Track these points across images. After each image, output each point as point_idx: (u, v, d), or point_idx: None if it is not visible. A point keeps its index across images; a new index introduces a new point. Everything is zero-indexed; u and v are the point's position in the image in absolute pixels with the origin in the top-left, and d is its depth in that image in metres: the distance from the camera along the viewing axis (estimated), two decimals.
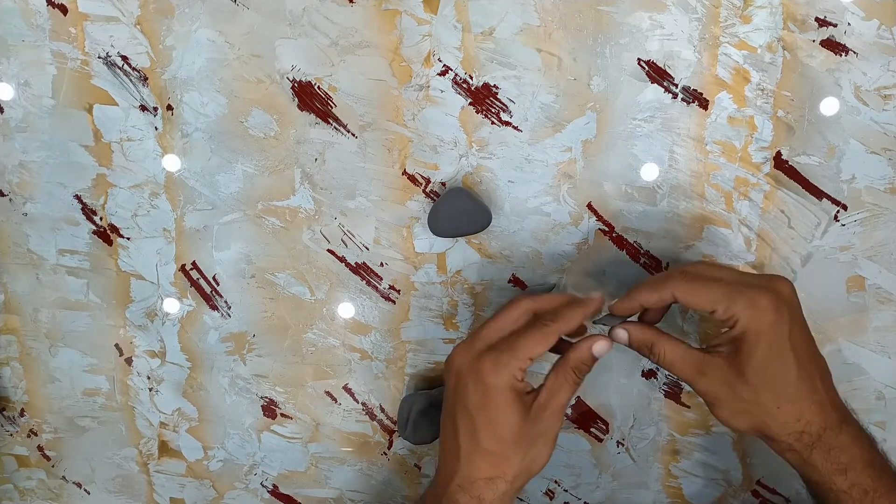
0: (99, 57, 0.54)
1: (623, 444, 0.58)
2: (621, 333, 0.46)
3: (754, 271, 0.54)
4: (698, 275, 0.44)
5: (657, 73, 0.51)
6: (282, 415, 0.59)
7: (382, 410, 0.59)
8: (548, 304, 0.46)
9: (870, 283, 0.53)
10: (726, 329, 0.43)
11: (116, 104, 0.54)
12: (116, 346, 0.59)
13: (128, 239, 0.57)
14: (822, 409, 0.42)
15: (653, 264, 0.54)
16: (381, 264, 0.56)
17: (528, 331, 0.45)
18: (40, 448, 0.62)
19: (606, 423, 0.58)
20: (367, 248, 0.56)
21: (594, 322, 0.48)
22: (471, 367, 0.45)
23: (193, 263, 0.57)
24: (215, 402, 0.60)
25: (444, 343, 0.57)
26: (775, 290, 0.42)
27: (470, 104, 0.53)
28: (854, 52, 0.50)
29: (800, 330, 0.43)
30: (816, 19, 0.50)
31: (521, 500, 0.60)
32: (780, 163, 0.52)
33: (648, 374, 0.56)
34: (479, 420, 0.45)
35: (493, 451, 0.45)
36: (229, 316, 0.58)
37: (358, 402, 0.59)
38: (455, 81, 0.52)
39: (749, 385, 0.42)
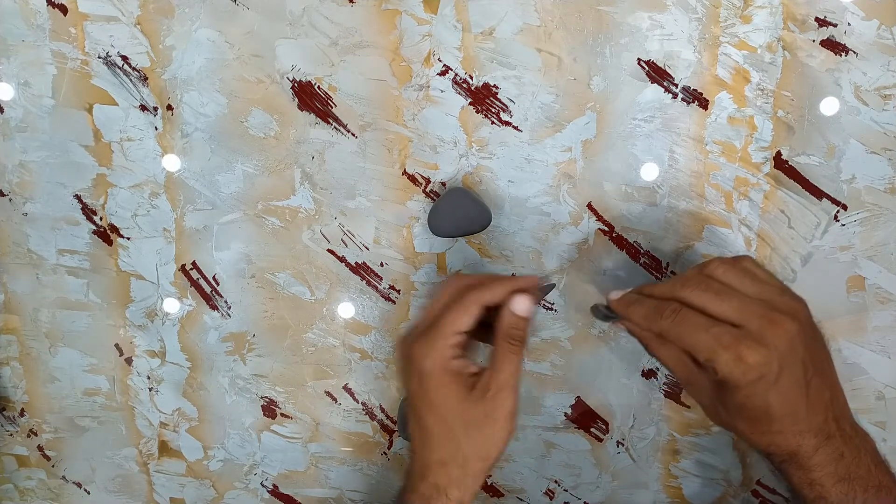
0: (99, 57, 0.54)
1: (623, 444, 0.58)
2: (623, 324, 0.48)
3: None
4: (687, 319, 0.42)
5: (657, 73, 0.51)
6: (282, 415, 0.59)
7: (382, 410, 0.59)
8: (476, 279, 0.46)
9: (870, 283, 0.53)
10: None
11: (116, 104, 0.54)
12: (116, 346, 0.59)
13: (128, 239, 0.57)
14: (797, 437, 0.42)
15: (653, 264, 0.54)
16: (381, 264, 0.56)
17: (450, 305, 0.44)
18: (40, 448, 0.62)
19: (606, 423, 0.58)
20: (367, 248, 0.56)
21: (596, 316, 0.48)
22: (406, 355, 0.45)
23: (193, 263, 0.57)
24: (215, 402, 0.60)
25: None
26: (768, 343, 0.40)
27: (470, 104, 0.53)
28: (854, 52, 0.50)
29: (792, 377, 0.41)
30: (816, 19, 0.50)
31: (521, 500, 0.60)
32: (780, 163, 0.52)
33: (648, 374, 0.56)
34: (422, 405, 0.45)
35: (438, 434, 0.45)
36: (229, 316, 0.58)
37: (358, 402, 0.59)
38: (455, 81, 0.52)
39: (727, 412, 0.43)
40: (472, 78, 0.52)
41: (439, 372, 0.44)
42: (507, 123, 0.53)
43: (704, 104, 0.52)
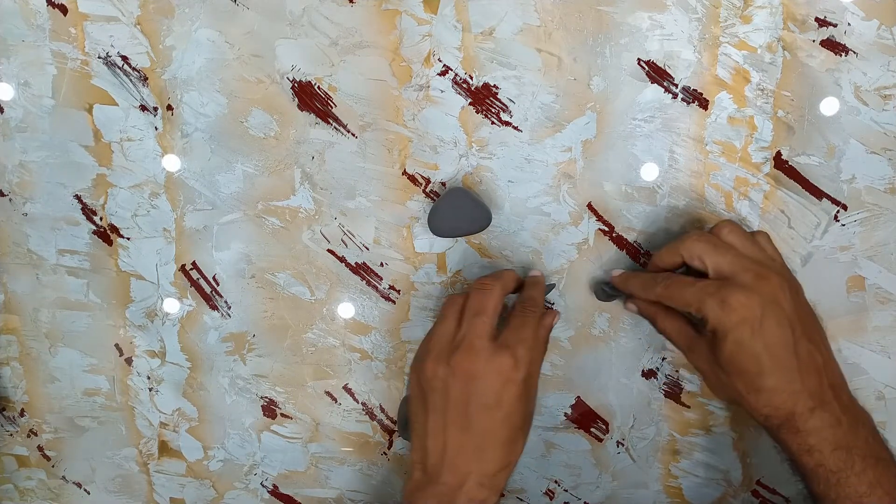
0: (99, 57, 0.54)
1: (623, 444, 0.58)
2: (632, 306, 0.53)
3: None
4: (680, 280, 0.47)
5: (657, 73, 0.51)
6: (282, 415, 0.59)
7: (382, 410, 0.59)
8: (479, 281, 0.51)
9: (870, 283, 0.53)
10: (702, 324, 0.46)
11: (116, 104, 0.54)
12: (116, 346, 0.59)
13: (128, 239, 0.57)
14: (793, 397, 0.44)
15: None
16: (381, 264, 0.56)
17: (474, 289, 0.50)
18: (40, 448, 0.62)
19: (606, 423, 0.58)
20: (367, 248, 0.56)
21: (599, 297, 0.54)
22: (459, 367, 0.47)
23: (193, 263, 0.57)
24: (215, 402, 0.60)
25: None
26: (753, 288, 0.44)
27: (470, 104, 0.53)
28: (854, 52, 0.50)
29: (777, 325, 0.44)
30: (816, 19, 0.50)
31: (521, 500, 0.60)
32: (780, 163, 0.52)
33: (648, 374, 0.56)
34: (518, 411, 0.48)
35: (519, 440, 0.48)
36: (229, 316, 0.58)
37: (358, 402, 0.59)
38: (455, 81, 0.52)
39: (723, 371, 0.46)
40: (472, 78, 0.52)
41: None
42: (507, 123, 0.53)
43: (704, 104, 0.52)
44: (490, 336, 0.47)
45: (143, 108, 0.54)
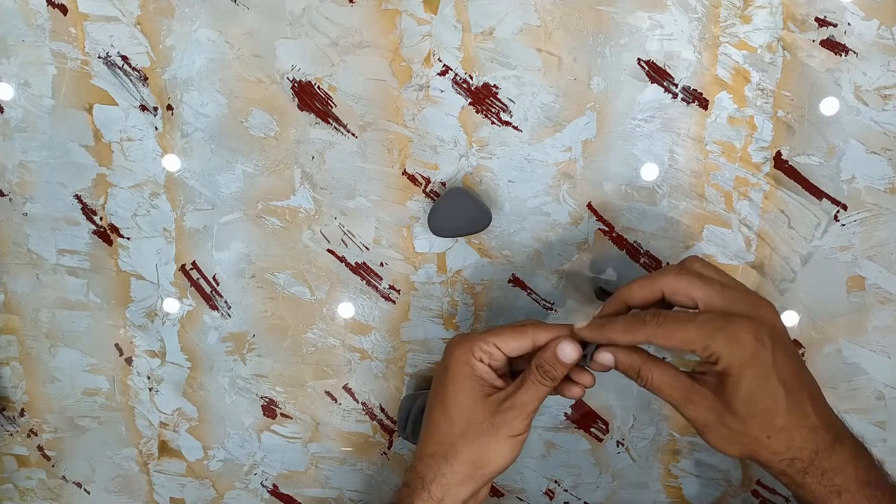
0: (99, 57, 0.54)
1: (623, 444, 0.58)
2: (606, 357, 0.44)
3: (754, 272, 0.54)
4: (671, 316, 0.41)
5: (657, 73, 0.51)
6: (282, 415, 0.59)
7: (382, 410, 0.59)
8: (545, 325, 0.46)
9: (870, 283, 0.53)
10: (710, 364, 0.41)
11: (116, 104, 0.54)
12: (116, 346, 0.59)
13: (128, 239, 0.57)
14: (813, 433, 0.40)
15: (653, 264, 0.54)
16: (381, 264, 0.56)
17: (506, 325, 0.46)
18: (40, 448, 0.62)
19: (606, 423, 0.58)
20: (367, 248, 0.56)
21: (597, 296, 0.50)
22: (447, 346, 0.47)
23: (193, 263, 0.57)
24: (215, 402, 0.60)
25: (443, 343, 0.57)
26: (756, 318, 0.40)
27: (470, 104, 0.53)
28: (854, 52, 0.50)
29: (785, 355, 0.40)
30: (816, 19, 0.50)
31: (521, 500, 0.60)
32: (780, 163, 0.52)
33: None
34: (434, 395, 0.46)
35: (439, 426, 0.45)
36: (229, 316, 0.58)
37: (358, 402, 0.59)
38: (455, 81, 0.52)
39: (737, 416, 0.40)
40: (472, 78, 0.52)
41: (461, 366, 0.44)
42: (507, 123, 0.53)
43: (704, 104, 0.51)
44: (472, 362, 0.45)
45: (143, 108, 0.54)
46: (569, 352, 0.43)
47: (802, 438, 0.40)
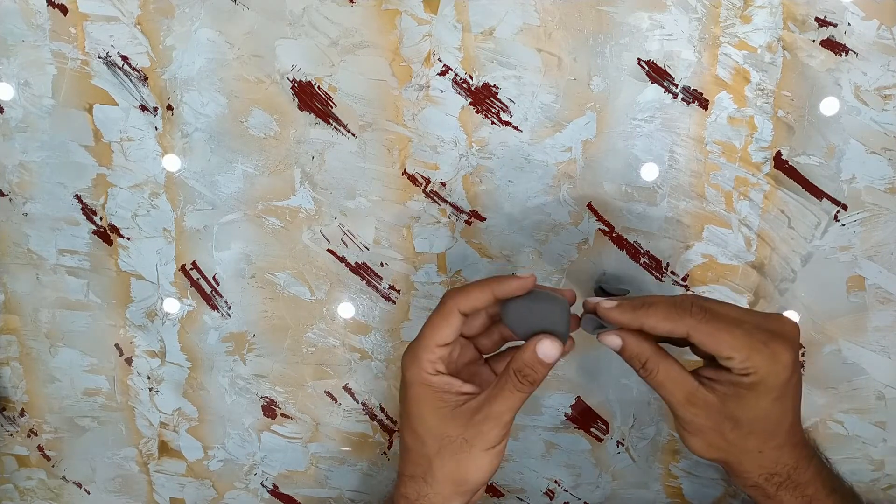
0: (99, 57, 0.54)
1: (623, 444, 0.58)
2: (615, 339, 0.41)
3: (754, 272, 0.54)
4: (718, 314, 0.38)
5: (657, 73, 0.51)
6: (282, 415, 0.59)
7: (382, 410, 0.59)
8: (464, 286, 0.42)
9: (870, 283, 0.53)
10: (736, 374, 0.39)
11: (116, 104, 0.54)
12: (116, 346, 0.59)
13: (128, 239, 0.57)
14: (795, 449, 0.41)
15: (653, 264, 0.54)
16: (381, 264, 0.56)
17: (433, 313, 0.42)
18: (40, 448, 0.62)
19: (606, 423, 0.58)
20: (367, 248, 0.56)
21: (584, 327, 0.43)
22: (402, 365, 0.43)
23: (193, 263, 0.57)
24: (215, 402, 0.60)
25: None
26: (792, 342, 0.39)
27: (470, 104, 0.53)
28: (854, 52, 0.50)
29: (799, 376, 0.40)
30: (816, 19, 0.50)
31: (521, 500, 0.60)
32: (780, 163, 0.52)
33: None
34: (402, 415, 0.43)
35: (411, 448, 0.43)
36: (229, 316, 0.58)
37: (358, 402, 0.59)
38: (455, 81, 0.52)
39: (740, 429, 0.39)
40: (472, 78, 0.52)
41: (418, 385, 0.41)
42: (507, 123, 0.53)
43: (704, 104, 0.52)
44: (425, 377, 0.42)
45: (143, 108, 0.54)
46: (550, 350, 0.40)
47: (787, 455, 0.40)
